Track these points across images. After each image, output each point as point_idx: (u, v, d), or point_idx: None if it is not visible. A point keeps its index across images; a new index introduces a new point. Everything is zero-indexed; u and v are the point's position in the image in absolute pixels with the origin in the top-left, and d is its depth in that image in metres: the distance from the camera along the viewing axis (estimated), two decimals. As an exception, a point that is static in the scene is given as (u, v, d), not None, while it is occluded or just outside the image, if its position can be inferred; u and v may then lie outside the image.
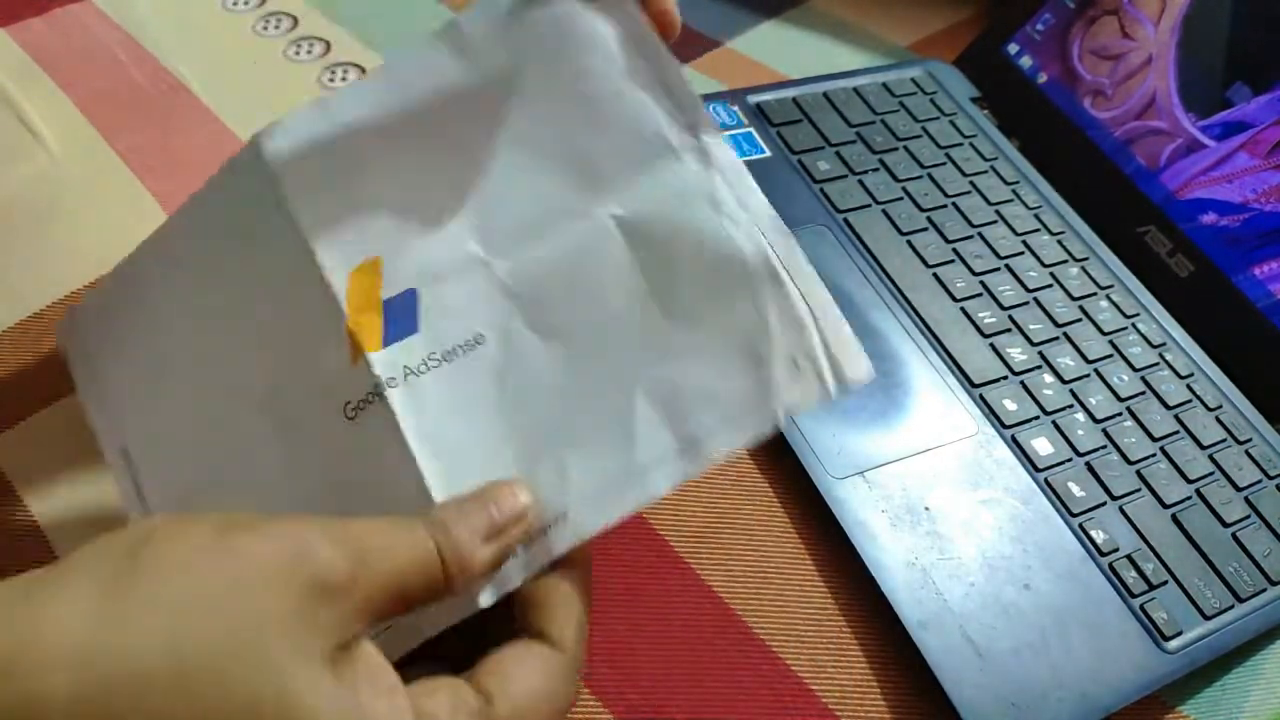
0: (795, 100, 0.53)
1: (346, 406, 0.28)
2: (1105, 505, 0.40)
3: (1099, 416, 0.43)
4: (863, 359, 0.26)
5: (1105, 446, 0.42)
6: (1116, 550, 0.39)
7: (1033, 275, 0.48)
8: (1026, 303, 0.47)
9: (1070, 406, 0.43)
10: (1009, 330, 0.45)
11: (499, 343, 0.28)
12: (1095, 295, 0.48)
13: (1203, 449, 0.43)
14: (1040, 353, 0.45)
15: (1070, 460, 0.41)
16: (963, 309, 0.46)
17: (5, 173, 0.48)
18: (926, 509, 0.38)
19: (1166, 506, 0.41)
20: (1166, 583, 0.38)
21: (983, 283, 0.47)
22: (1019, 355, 0.44)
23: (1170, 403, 0.44)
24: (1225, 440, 0.43)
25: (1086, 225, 0.51)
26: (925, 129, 0.53)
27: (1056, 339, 0.46)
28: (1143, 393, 0.44)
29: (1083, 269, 0.49)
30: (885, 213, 0.49)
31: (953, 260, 0.48)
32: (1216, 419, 0.44)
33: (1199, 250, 0.48)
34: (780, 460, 0.40)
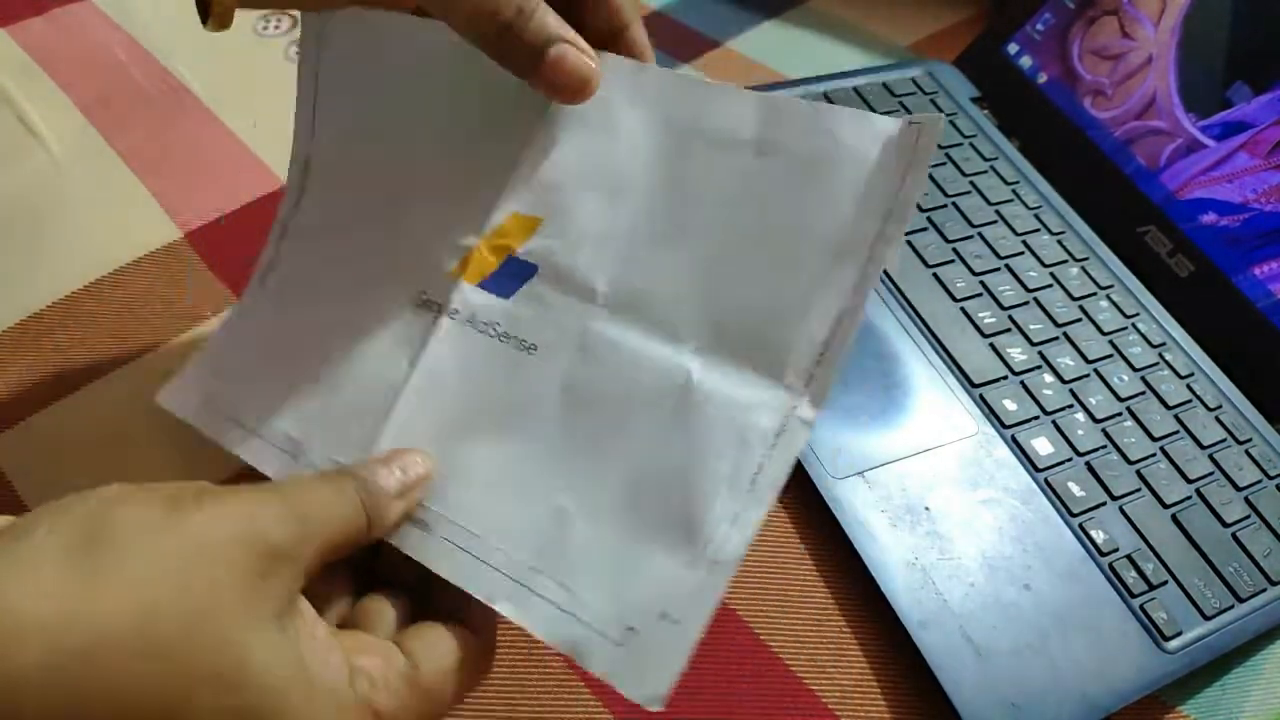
0: (795, 100, 0.53)
1: (420, 294, 0.31)
2: (1105, 505, 0.40)
3: (1099, 416, 0.43)
4: (665, 682, 0.26)
5: (1105, 446, 0.42)
6: (1116, 550, 0.39)
7: (1033, 275, 0.48)
8: (1026, 303, 0.47)
9: (1070, 406, 0.43)
10: (1009, 330, 0.45)
11: (537, 364, 0.29)
12: (1095, 295, 0.48)
13: (1203, 449, 0.43)
14: (1040, 353, 0.45)
15: (1070, 460, 0.41)
16: (963, 309, 0.46)
17: (5, 173, 0.48)
18: (926, 509, 0.38)
19: (1166, 506, 0.41)
20: (1166, 583, 0.38)
21: (983, 283, 0.47)
22: (1019, 355, 0.44)
23: (1170, 403, 0.44)
24: (1225, 440, 0.43)
25: (1086, 225, 0.51)
26: (925, 129, 0.53)
27: (1056, 339, 0.46)
28: (1143, 393, 0.44)
29: (1083, 269, 0.49)
30: (885, 213, 0.49)
31: (953, 260, 0.48)
32: (1216, 419, 0.44)
33: (1199, 250, 0.48)
34: (780, 460, 0.40)
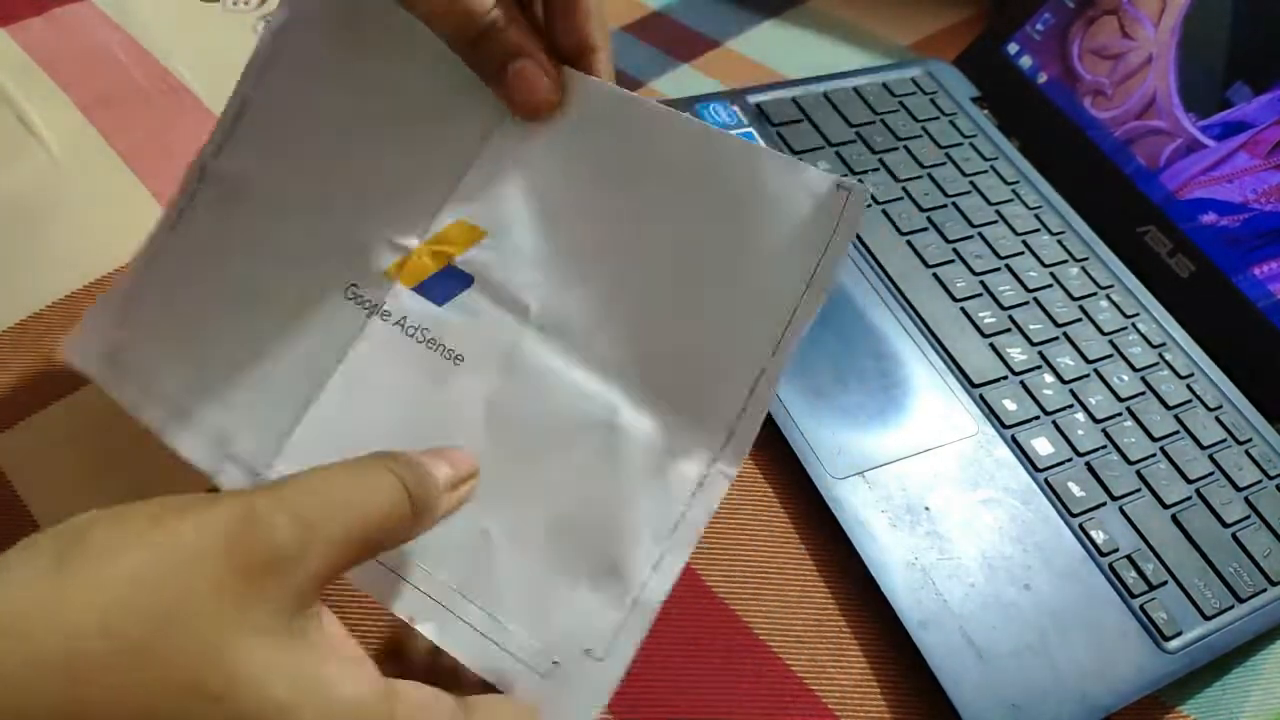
0: (795, 100, 0.53)
1: (352, 287, 0.30)
2: (1105, 505, 0.40)
3: (1099, 416, 0.43)
4: (588, 717, 0.26)
5: (1105, 446, 0.42)
6: (1116, 550, 0.39)
7: (1033, 275, 0.48)
8: (1026, 303, 0.47)
9: (1070, 406, 0.43)
10: (1009, 330, 0.45)
11: (462, 375, 0.29)
12: (1095, 295, 0.48)
13: (1203, 449, 0.43)
14: (1040, 353, 0.45)
15: (1070, 460, 0.41)
16: (963, 309, 0.46)
17: (5, 172, 0.48)
18: (926, 509, 0.38)
19: (1166, 506, 0.41)
20: (1166, 583, 0.38)
21: (983, 283, 0.47)
22: (1019, 355, 0.44)
23: (1170, 403, 0.44)
24: (1225, 440, 0.43)
25: (1086, 225, 0.51)
26: (925, 129, 0.53)
27: (1056, 339, 0.46)
28: (1143, 393, 0.44)
29: (1083, 269, 0.49)
30: (885, 213, 0.49)
31: (953, 260, 0.48)
32: (1216, 419, 0.44)
33: (1199, 250, 0.48)
34: (780, 460, 0.40)
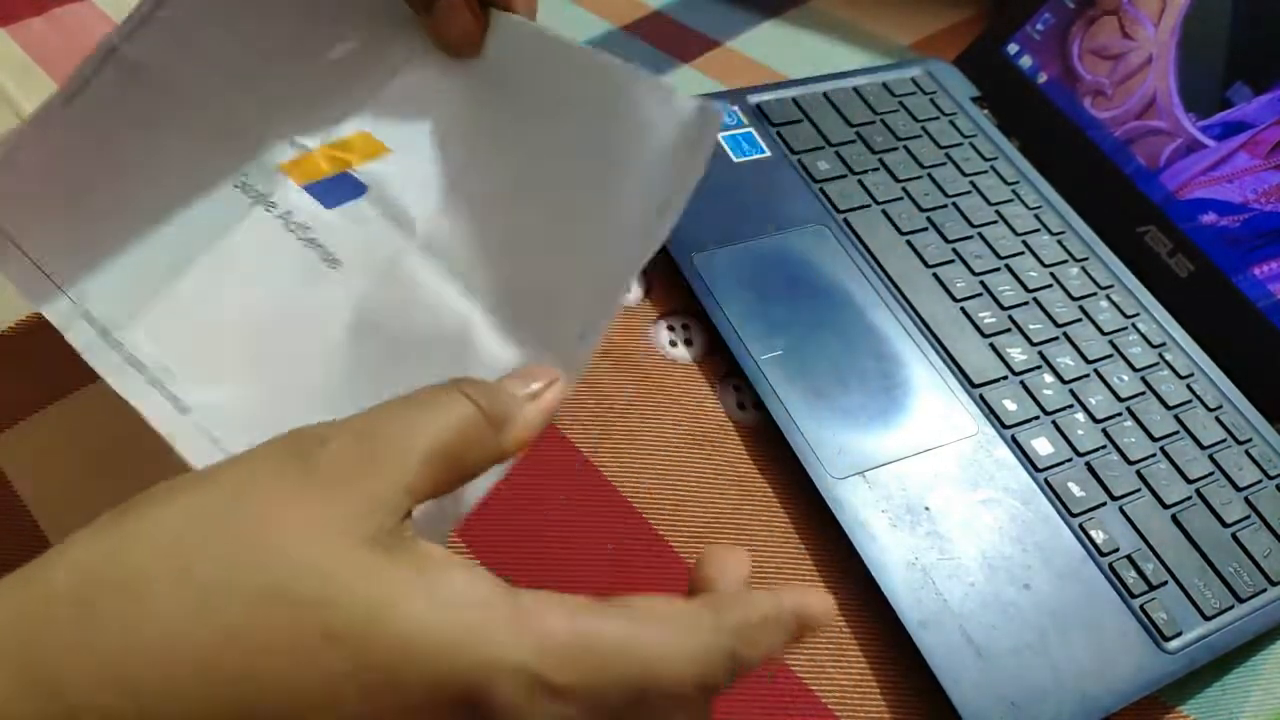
0: (795, 100, 0.53)
1: (242, 178, 0.30)
2: (1105, 505, 0.40)
3: (1099, 416, 0.43)
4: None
5: (1105, 446, 0.42)
6: (1116, 550, 0.39)
7: (1033, 275, 0.48)
8: (1026, 303, 0.47)
9: (1070, 406, 0.43)
10: (1009, 330, 0.45)
11: (335, 279, 0.29)
12: (1095, 295, 0.48)
13: (1203, 449, 0.43)
14: (1040, 353, 0.45)
15: (1070, 460, 0.41)
16: (963, 309, 0.46)
17: (5, 173, 0.48)
18: (926, 509, 0.38)
19: (1166, 507, 0.41)
20: (1166, 583, 0.38)
21: (983, 283, 0.47)
22: (1019, 355, 0.44)
23: (1170, 403, 0.44)
24: (1225, 440, 0.43)
25: (1086, 225, 0.51)
26: (925, 129, 0.53)
27: (1056, 339, 0.46)
28: (1143, 393, 0.44)
29: (1083, 269, 0.49)
30: (885, 213, 0.49)
31: (953, 260, 0.48)
32: (1216, 419, 0.44)
33: (1199, 250, 0.48)
34: (780, 460, 0.40)
